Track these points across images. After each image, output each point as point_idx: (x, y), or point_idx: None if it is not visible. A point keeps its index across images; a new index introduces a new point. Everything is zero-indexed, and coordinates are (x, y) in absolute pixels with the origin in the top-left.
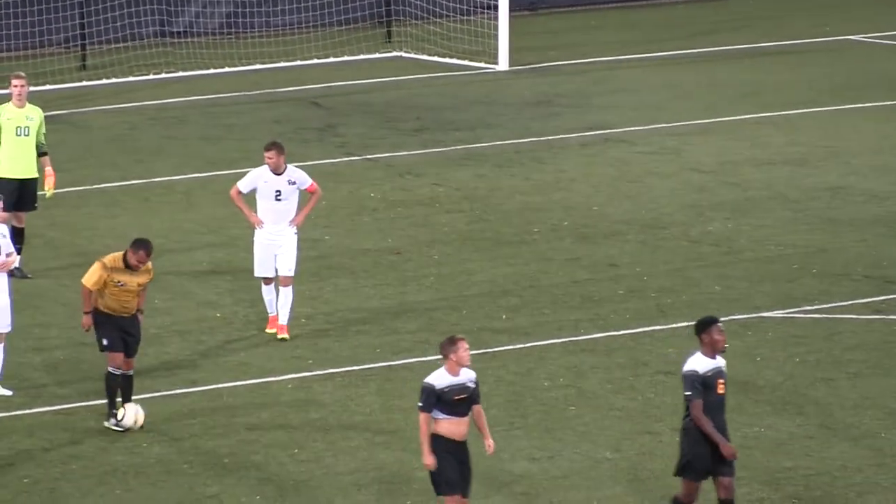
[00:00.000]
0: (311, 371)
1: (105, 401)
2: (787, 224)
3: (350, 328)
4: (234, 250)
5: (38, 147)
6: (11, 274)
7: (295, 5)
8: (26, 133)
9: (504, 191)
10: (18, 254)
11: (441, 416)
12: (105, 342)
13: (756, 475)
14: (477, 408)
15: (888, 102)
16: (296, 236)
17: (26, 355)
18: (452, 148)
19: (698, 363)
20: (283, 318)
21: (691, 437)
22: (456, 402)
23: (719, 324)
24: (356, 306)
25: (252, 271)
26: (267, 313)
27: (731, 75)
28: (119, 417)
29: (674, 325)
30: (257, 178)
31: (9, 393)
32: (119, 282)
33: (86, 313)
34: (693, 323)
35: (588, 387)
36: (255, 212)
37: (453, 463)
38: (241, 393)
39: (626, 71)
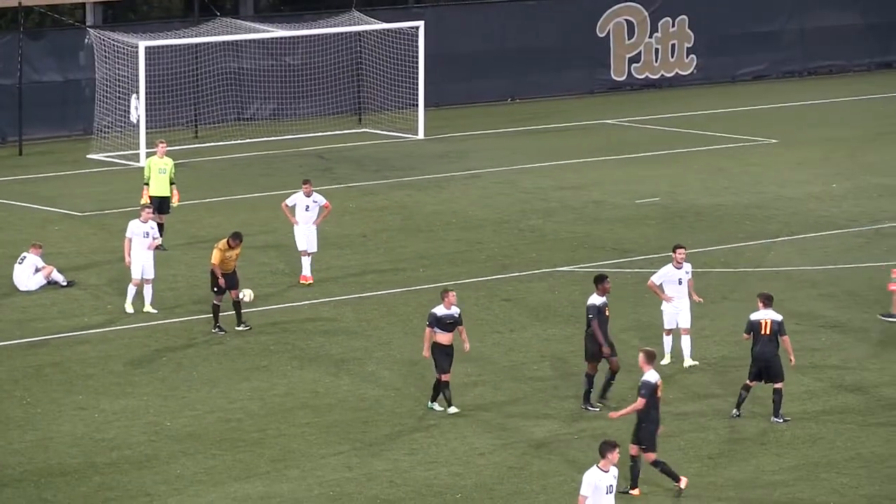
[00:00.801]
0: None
1: (212, 316)
2: None
3: (343, 278)
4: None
5: (170, 178)
6: (158, 248)
7: (314, 103)
8: (164, 172)
9: (421, 203)
10: (160, 236)
11: (438, 331)
12: (216, 289)
13: None
14: (460, 327)
15: None
16: (315, 230)
17: (165, 293)
18: (394, 180)
19: (594, 299)
20: (307, 271)
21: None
22: (448, 324)
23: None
24: (344, 265)
25: (295, 248)
26: (302, 272)
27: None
28: (243, 296)
29: (513, 274)
30: (297, 198)
31: (154, 311)
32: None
33: (219, 276)
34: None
35: (468, 305)
36: (294, 216)
37: (443, 356)
38: (305, 309)
39: (488, 140)
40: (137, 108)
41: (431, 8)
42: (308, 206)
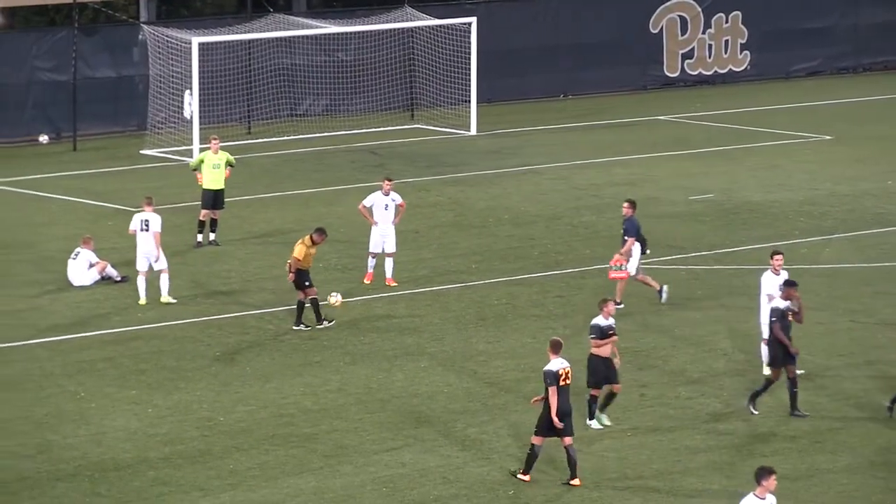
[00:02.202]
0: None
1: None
2: None
3: (396, 274)
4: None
5: (228, 163)
6: (212, 243)
7: (366, 99)
8: (217, 168)
9: (474, 199)
10: (213, 232)
11: (596, 341)
12: (307, 283)
13: None
14: (615, 338)
15: None
16: (394, 229)
17: (218, 288)
18: (447, 176)
19: (776, 303)
20: (390, 273)
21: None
22: (609, 335)
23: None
24: (397, 261)
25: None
26: (367, 270)
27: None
28: (334, 301)
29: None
30: (374, 198)
31: (173, 301)
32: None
33: (291, 272)
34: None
35: (521, 301)
36: (373, 216)
37: (602, 368)
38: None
39: (540, 135)
40: (191, 104)
41: (484, 4)
42: (387, 206)
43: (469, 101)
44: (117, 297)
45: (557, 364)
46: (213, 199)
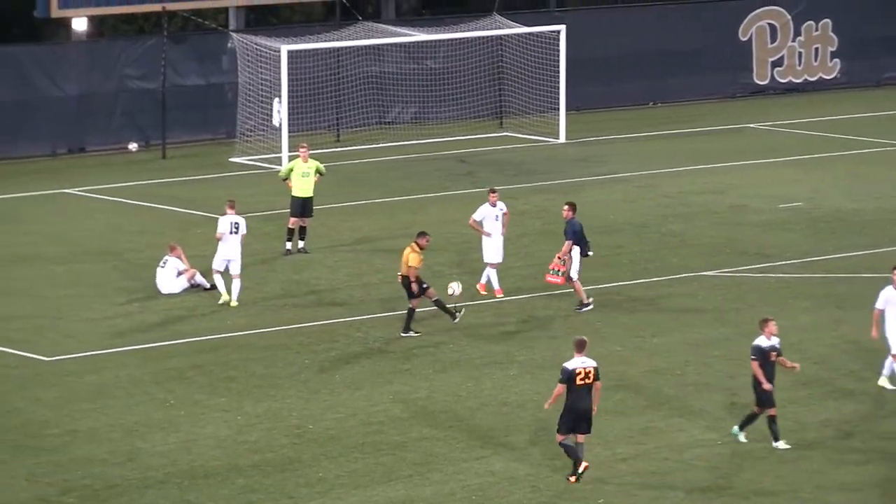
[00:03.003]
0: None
1: (405, 316)
2: None
3: (509, 277)
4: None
5: (317, 171)
6: (301, 251)
7: (455, 107)
8: (307, 176)
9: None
10: (303, 240)
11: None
12: (424, 286)
13: None
14: (782, 358)
15: None
16: (503, 240)
17: (307, 297)
18: (535, 184)
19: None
20: (497, 284)
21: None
22: (772, 356)
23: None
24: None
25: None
26: (482, 281)
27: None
28: (452, 292)
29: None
30: (483, 210)
31: (236, 304)
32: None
33: (413, 280)
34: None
35: (609, 310)
36: (484, 229)
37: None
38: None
39: (628, 143)
40: (280, 112)
41: (573, 12)
42: (497, 216)
43: (557, 109)
44: (206, 304)
45: (577, 363)
46: (303, 207)
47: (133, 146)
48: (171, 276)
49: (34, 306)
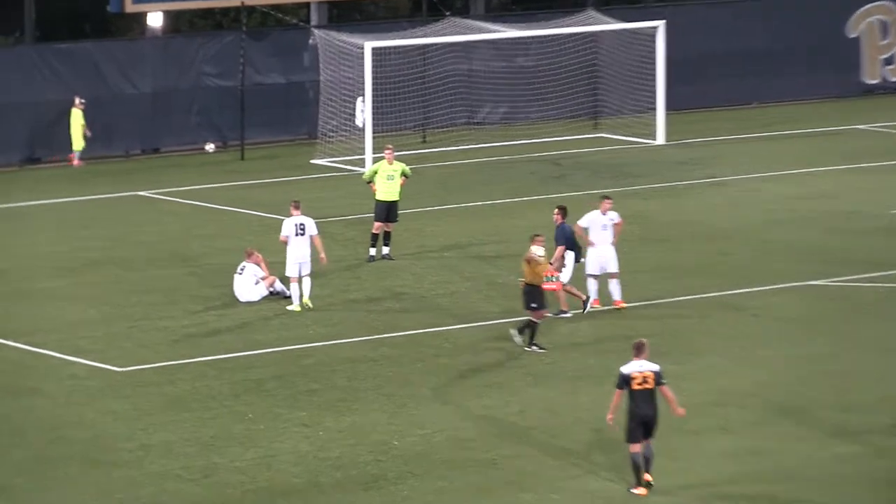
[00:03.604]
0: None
1: (527, 327)
2: None
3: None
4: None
5: (403, 174)
6: (386, 257)
7: (547, 106)
8: (392, 178)
9: (660, 212)
10: (387, 246)
11: None
12: (533, 305)
13: None
14: None
15: None
16: (615, 249)
17: (390, 304)
18: (632, 188)
19: None
20: (618, 295)
21: None
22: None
23: None
24: (579, 276)
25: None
26: (590, 296)
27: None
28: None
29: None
30: (591, 218)
31: (310, 306)
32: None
33: (525, 283)
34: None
35: (712, 321)
36: (589, 237)
37: None
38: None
39: (730, 145)
40: (363, 112)
41: (672, 6)
42: (605, 225)
43: (655, 109)
44: (286, 312)
45: (634, 367)
46: (387, 212)
47: (210, 147)
48: (249, 284)
49: (106, 314)
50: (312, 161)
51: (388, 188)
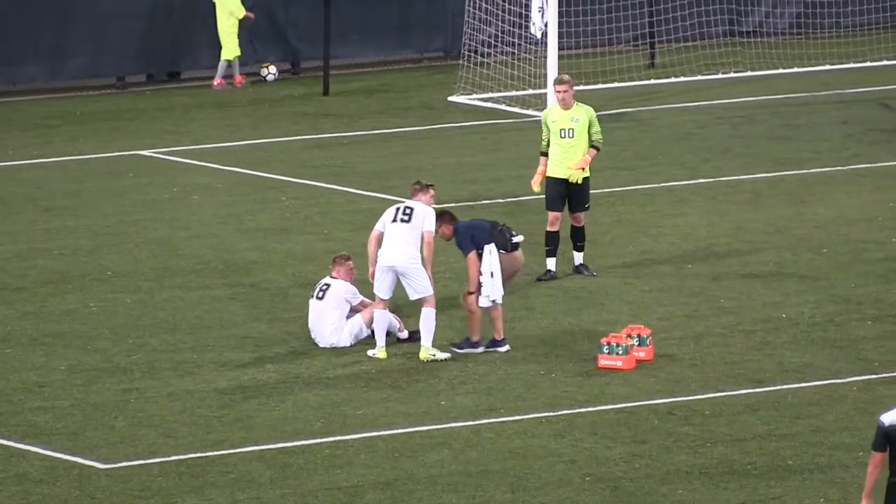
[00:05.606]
0: (877, 373)
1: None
2: None
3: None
4: (801, 251)
5: (591, 143)
6: (579, 271)
7: (865, 6)
8: (571, 135)
9: None
10: (580, 251)
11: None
12: None
13: None
14: None
15: None
16: None
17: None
18: None
19: None
20: None
21: None
22: None
23: None
24: None
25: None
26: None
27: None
28: None
29: None
30: None
31: (445, 356)
32: None
33: None
34: None
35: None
36: None
37: None
38: (806, 394)
39: None
40: (544, 12)
41: None
42: None
43: None
44: (370, 359)
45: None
46: (568, 194)
47: (270, 73)
48: (334, 315)
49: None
50: (451, 98)
51: (564, 152)
